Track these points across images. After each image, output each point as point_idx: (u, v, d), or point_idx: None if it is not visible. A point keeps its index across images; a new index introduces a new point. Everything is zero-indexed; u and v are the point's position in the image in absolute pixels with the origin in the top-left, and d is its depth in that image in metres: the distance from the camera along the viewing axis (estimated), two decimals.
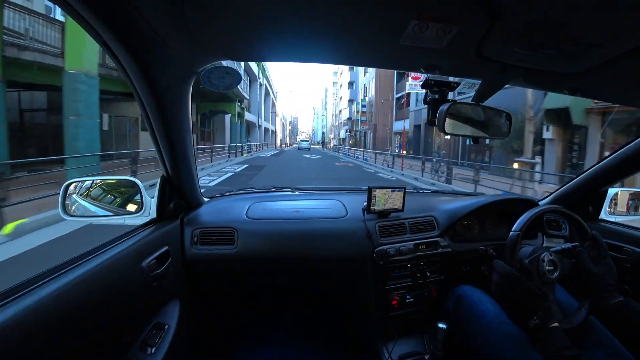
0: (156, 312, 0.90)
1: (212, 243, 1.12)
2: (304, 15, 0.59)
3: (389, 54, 0.74)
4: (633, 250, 1.10)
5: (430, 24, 0.56)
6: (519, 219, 0.91)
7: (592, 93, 0.91)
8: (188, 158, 0.99)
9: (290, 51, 0.77)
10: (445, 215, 1.29)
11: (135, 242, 0.82)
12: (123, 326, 0.74)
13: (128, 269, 0.76)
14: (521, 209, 0.99)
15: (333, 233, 1.19)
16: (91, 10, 0.51)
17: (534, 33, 0.55)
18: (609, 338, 0.85)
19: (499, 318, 0.91)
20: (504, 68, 0.71)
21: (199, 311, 1.20)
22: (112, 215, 0.98)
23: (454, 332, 1.02)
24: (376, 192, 1.20)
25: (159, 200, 0.99)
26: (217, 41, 0.71)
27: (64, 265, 0.64)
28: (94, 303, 0.64)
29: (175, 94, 0.81)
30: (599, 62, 0.63)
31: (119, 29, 0.57)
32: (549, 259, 0.83)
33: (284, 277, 1.27)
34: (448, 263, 1.26)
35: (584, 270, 0.87)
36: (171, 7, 0.57)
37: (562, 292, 0.99)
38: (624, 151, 1.08)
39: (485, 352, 0.88)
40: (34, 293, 0.53)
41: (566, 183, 1.33)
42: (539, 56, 0.64)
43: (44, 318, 0.52)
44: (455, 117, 0.77)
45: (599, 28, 0.52)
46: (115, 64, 0.66)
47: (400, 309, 1.23)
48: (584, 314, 0.85)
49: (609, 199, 1.26)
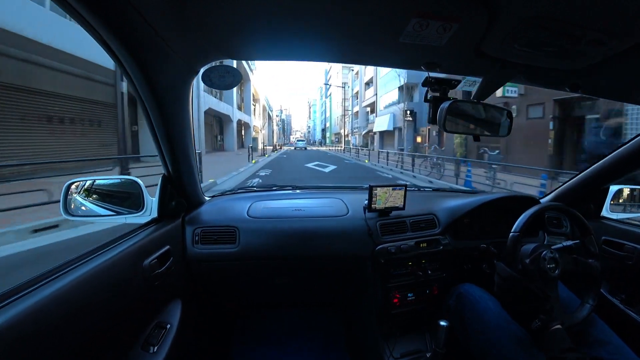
0: (158, 311, 0.90)
1: (213, 242, 1.12)
2: (304, 14, 0.59)
3: (389, 52, 0.74)
4: (634, 248, 1.10)
5: (430, 21, 0.56)
6: (519, 218, 0.90)
7: (593, 90, 0.91)
8: (189, 157, 0.99)
9: (290, 50, 0.77)
10: (446, 213, 1.29)
11: (137, 242, 0.82)
12: (125, 325, 0.75)
13: (129, 268, 0.77)
14: (522, 206, 0.99)
15: (334, 231, 1.19)
16: (91, 10, 0.51)
17: (534, 30, 0.55)
18: (611, 335, 0.85)
19: (500, 315, 0.91)
20: (504, 65, 0.70)
21: (201, 310, 1.21)
22: (113, 215, 0.99)
23: (455, 330, 1.02)
24: (377, 191, 1.20)
25: (160, 200, 0.99)
26: (217, 40, 0.71)
27: (66, 265, 0.64)
28: (96, 302, 0.64)
29: (175, 93, 0.81)
30: (600, 59, 0.63)
31: (119, 29, 0.57)
32: (550, 256, 0.83)
33: (285, 275, 1.27)
34: (449, 261, 1.26)
35: (586, 266, 0.87)
36: (171, 7, 0.57)
37: (564, 289, 0.99)
38: (625, 148, 1.08)
39: (487, 349, 0.88)
40: (36, 293, 0.53)
41: (568, 180, 1.33)
42: (539, 53, 0.63)
43: (46, 318, 0.52)
44: (455, 115, 0.77)
45: (599, 25, 0.52)
46: (116, 63, 0.66)
47: (401, 307, 1.23)
48: (587, 309, 0.85)
49: (611, 196, 1.26)
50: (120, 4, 0.52)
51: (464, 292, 1.06)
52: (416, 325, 1.29)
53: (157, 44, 0.64)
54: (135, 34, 0.59)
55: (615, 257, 1.15)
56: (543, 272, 0.82)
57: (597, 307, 0.86)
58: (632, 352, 0.81)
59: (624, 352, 0.81)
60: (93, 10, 0.51)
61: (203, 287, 1.20)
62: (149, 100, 0.76)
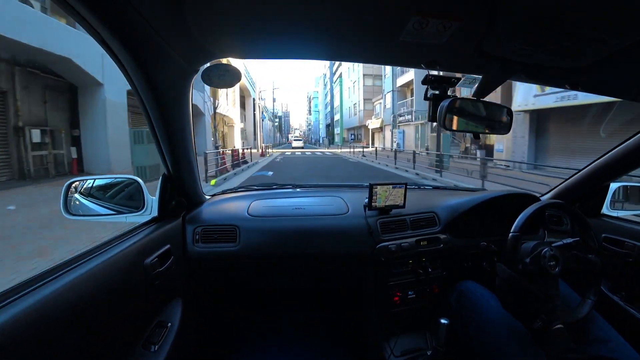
0: (158, 310, 0.90)
1: (213, 241, 1.12)
2: (304, 12, 0.58)
3: (389, 50, 0.74)
4: (635, 245, 1.10)
5: (431, 19, 0.56)
6: (517, 218, 0.90)
7: (594, 88, 0.91)
8: (189, 156, 0.99)
9: (290, 48, 0.77)
10: (447, 211, 1.29)
11: (137, 241, 0.82)
12: (126, 324, 0.75)
13: (130, 267, 0.77)
14: (522, 204, 0.99)
15: (334, 230, 1.19)
16: (91, 10, 0.51)
17: (534, 29, 0.55)
18: (612, 333, 0.85)
19: (501, 313, 0.91)
20: (504, 63, 0.70)
21: (201, 309, 1.21)
22: (114, 214, 0.99)
23: (456, 328, 1.02)
24: (377, 189, 1.20)
25: (161, 199, 0.99)
26: (216, 39, 0.70)
27: (66, 264, 0.64)
28: (97, 301, 0.64)
29: (175, 92, 0.81)
30: (600, 57, 0.63)
31: (118, 28, 0.57)
32: (550, 254, 0.83)
33: (286, 273, 1.27)
34: (449, 259, 1.26)
35: (586, 262, 0.87)
36: (170, 6, 0.57)
37: (565, 287, 0.99)
38: (625, 145, 1.07)
39: (488, 347, 0.88)
40: (37, 292, 0.54)
41: (569, 178, 1.33)
42: (540, 52, 0.63)
43: (47, 316, 0.53)
44: (456, 113, 0.76)
45: (599, 23, 0.52)
46: (115, 62, 0.66)
47: (402, 305, 1.23)
48: (589, 305, 0.85)
49: (611, 194, 1.26)
50: (120, 3, 0.52)
51: (464, 290, 1.06)
52: (417, 323, 1.29)
53: (157, 44, 0.64)
54: (135, 33, 0.59)
55: (616, 254, 1.15)
56: (543, 270, 0.81)
57: (597, 304, 0.86)
58: (633, 349, 0.81)
59: (624, 350, 0.81)
60: (93, 10, 0.51)
61: (203, 286, 1.20)
62: (148, 99, 0.76)
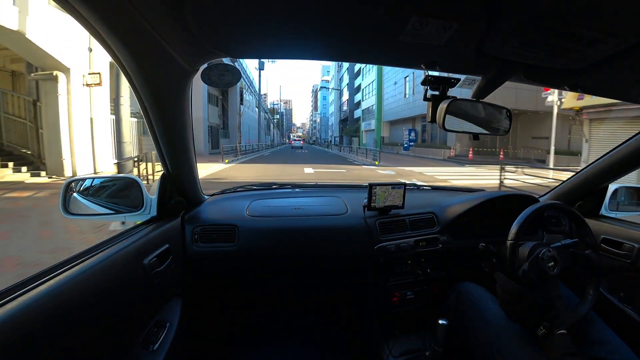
0: (157, 310, 0.90)
1: (212, 240, 1.12)
2: (303, 12, 0.58)
3: (388, 50, 0.74)
4: (633, 246, 1.10)
5: (431, 20, 0.56)
6: (514, 223, 0.89)
7: (593, 89, 0.91)
8: (188, 156, 0.99)
9: (289, 48, 0.77)
10: (445, 212, 1.29)
11: (136, 240, 0.82)
12: (125, 324, 0.75)
13: (129, 266, 0.77)
14: (521, 205, 0.99)
15: (333, 230, 1.19)
16: (91, 9, 0.51)
17: (534, 30, 0.55)
18: (610, 334, 0.85)
19: (500, 314, 0.91)
20: (503, 64, 0.70)
21: (200, 308, 1.21)
22: (113, 214, 0.99)
23: (454, 329, 1.02)
24: (376, 189, 1.20)
25: (160, 198, 0.99)
26: (216, 39, 0.70)
27: (65, 263, 0.64)
28: (96, 301, 0.64)
29: (174, 92, 0.81)
30: (600, 58, 0.63)
31: (118, 27, 0.57)
32: (549, 255, 0.83)
33: (285, 274, 1.27)
34: (448, 259, 1.26)
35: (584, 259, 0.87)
36: (170, 6, 0.57)
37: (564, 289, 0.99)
38: (624, 147, 1.08)
39: (487, 348, 0.88)
40: (35, 291, 0.53)
41: (567, 179, 1.33)
42: (539, 53, 0.63)
43: (45, 316, 0.52)
44: (455, 113, 0.76)
45: (599, 24, 0.52)
46: (115, 61, 0.66)
47: (401, 305, 1.23)
48: (589, 300, 0.85)
49: (610, 195, 1.26)
50: (120, 3, 0.52)
51: (463, 291, 1.06)
52: (416, 324, 1.29)
53: (156, 43, 0.64)
54: (134, 32, 0.59)
55: (614, 255, 1.15)
56: (543, 272, 0.81)
57: (596, 306, 0.86)
58: (632, 350, 0.81)
59: (623, 351, 0.81)
60: (93, 9, 0.51)
61: (202, 285, 1.20)
62: (148, 99, 0.76)
